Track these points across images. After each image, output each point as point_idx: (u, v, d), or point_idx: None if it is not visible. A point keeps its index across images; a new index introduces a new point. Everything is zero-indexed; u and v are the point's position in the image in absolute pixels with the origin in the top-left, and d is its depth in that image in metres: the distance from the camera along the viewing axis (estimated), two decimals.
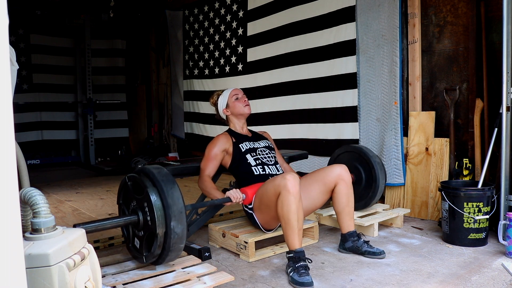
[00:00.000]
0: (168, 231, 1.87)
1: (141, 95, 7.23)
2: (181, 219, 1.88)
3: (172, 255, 1.96)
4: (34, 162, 6.22)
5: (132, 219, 1.96)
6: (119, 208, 2.16)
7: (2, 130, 0.77)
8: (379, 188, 2.89)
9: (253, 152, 2.57)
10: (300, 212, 2.12)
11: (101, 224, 1.90)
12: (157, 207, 1.86)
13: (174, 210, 1.86)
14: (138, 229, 2.00)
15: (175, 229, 1.87)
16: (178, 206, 1.88)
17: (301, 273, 2.02)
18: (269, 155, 2.62)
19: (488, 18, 2.92)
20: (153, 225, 1.87)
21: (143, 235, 1.98)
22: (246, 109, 2.64)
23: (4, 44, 0.79)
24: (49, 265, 1.03)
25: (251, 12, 4.70)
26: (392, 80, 3.33)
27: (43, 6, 6.36)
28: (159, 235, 1.87)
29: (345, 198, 2.42)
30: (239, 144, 2.56)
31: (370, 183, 2.92)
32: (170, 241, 1.88)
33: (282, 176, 2.14)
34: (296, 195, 2.09)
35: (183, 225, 1.89)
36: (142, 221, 1.95)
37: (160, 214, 1.86)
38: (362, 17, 3.50)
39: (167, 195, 1.87)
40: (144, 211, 1.92)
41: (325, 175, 2.44)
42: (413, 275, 2.13)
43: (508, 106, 2.56)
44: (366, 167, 2.94)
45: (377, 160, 2.92)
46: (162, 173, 1.95)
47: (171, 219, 1.85)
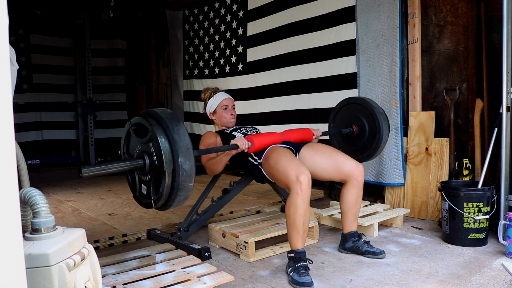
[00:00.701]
0: (176, 168, 1.78)
1: (141, 95, 7.23)
2: (188, 155, 1.80)
3: (182, 195, 1.86)
4: (34, 162, 6.21)
5: (138, 163, 1.89)
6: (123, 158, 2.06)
7: (2, 130, 0.77)
8: (382, 138, 2.79)
9: (238, 130, 2.67)
10: (307, 215, 2.11)
11: (107, 167, 1.82)
12: (163, 144, 1.78)
13: (181, 146, 1.79)
14: (144, 173, 1.93)
15: (183, 165, 1.78)
16: (184, 142, 1.81)
17: (301, 273, 2.02)
18: (255, 130, 2.72)
19: (488, 18, 2.92)
20: (160, 164, 1.80)
21: (150, 179, 1.91)
22: (231, 122, 2.77)
23: (4, 44, 0.79)
24: (49, 265, 1.03)
25: (251, 12, 4.70)
26: (392, 80, 3.33)
27: (43, 6, 6.36)
28: (167, 173, 1.79)
29: (353, 198, 2.40)
30: (223, 131, 2.69)
31: (374, 134, 2.81)
32: (179, 178, 1.79)
33: (296, 176, 2.08)
34: (305, 199, 2.08)
35: (191, 162, 1.81)
36: (148, 164, 1.87)
37: (167, 151, 1.78)
38: (362, 17, 3.50)
39: (173, 131, 1.80)
40: (150, 153, 1.85)
41: (342, 162, 2.38)
42: (413, 275, 2.13)
43: (508, 106, 2.56)
44: (370, 118, 2.83)
45: (380, 111, 2.82)
46: (166, 112, 1.89)
47: (179, 155, 1.78)
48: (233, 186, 2.78)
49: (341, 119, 2.98)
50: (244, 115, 4.68)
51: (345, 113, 2.97)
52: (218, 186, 3.01)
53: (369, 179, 3.48)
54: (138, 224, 3.07)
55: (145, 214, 3.35)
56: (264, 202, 3.64)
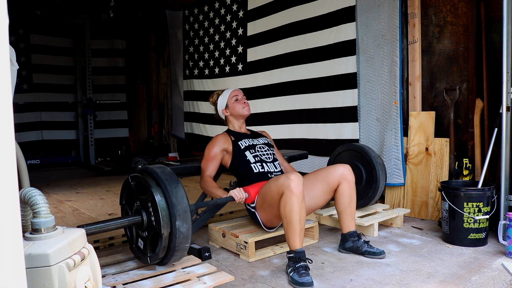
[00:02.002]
0: (173, 231, 1.84)
1: (141, 95, 7.23)
2: (186, 218, 1.85)
3: (178, 255, 1.94)
4: (34, 162, 6.22)
5: (136, 220, 1.94)
6: (122, 208, 2.15)
7: (2, 130, 0.77)
8: (379, 188, 2.89)
9: (252, 149, 2.57)
10: (302, 212, 2.11)
11: (105, 225, 1.88)
12: (161, 207, 1.83)
13: (179, 209, 1.84)
14: (142, 229, 1.98)
15: (180, 228, 1.84)
16: (182, 205, 1.85)
17: (301, 273, 2.02)
18: (268, 152, 2.63)
19: (488, 18, 2.92)
20: (157, 225, 1.85)
21: (147, 236, 1.96)
22: (245, 110, 2.66)
23: (4, 44, 0.79)
24: (49, 265, 1.03)
25: (251, 12, 4.70)
26: (392, 80, 3.33)
27: (43, 6, 6.36)
28: (164, 235, 1.85)
29: (347, 198, 2.41)
30: (238, 142, 2.57)
31: (371, 183, 2.91)
32: (176, 240, 1.85)
33: (286, 176, 2.13)
34: (299, 196, 2.08)
35: (188, 225, 1.87)
36: (146, 222, 1.93)
37: (164, 214, 1.83)
38: (362, 17, 3.50)
39: (171, 194, 1.84)
40: (148, 211, 1.90)
41: (329, 174, 2.43)
42: (413, 275, 2.13)
43: (508, 106, 2.56)
44: (367, 167, 2.93)
45: (379, 161, 2.91)
46: (165, 172, 1.93)
47: (176, 219, 1.83)
48: (233, 186, 2.77)
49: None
50: None
51: (344, 158, 3.03)
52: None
53: None
54: None
55: None
56: None
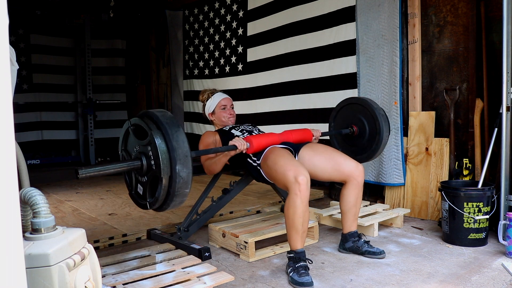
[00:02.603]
0: (173, 175, 1.78)
1: (141, 95, 7.23)
2: (186, 163, 1.80)
3: (177, 200, 1.88)
4: (34, 162, 6.21)
5: (136, 164, 1.88)
6: (120, 156, 2.08)
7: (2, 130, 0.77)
8: (382, 140, 2.77)
9: (237, 127, 2.67)
10: (306, 215, 2.11)
11: (103, 168, 1.82)
12: (161, 150, 1.78)
13: (179, 153, 1.78)
14: (141, 174, 1.92)
15: (180, 173, 1.78)
16: (183, 150, 1.79)
17: (301, 273, 2.02)
18: (253, 127, 2.71)
19: (488, 18, 2.92)
20: (157, 169, 1.80)
21: (146, 181, 1.91)
22: (230, 121, 2.77)
23: (4, 44, 0.79)
24: (49, 265, 1.03)
25: (251, 12, 4.70)
26: (392, 80, 3.33)
27: (43, 6, 6.35)
28: (163, 180, 1.79)
29: (353, 199, 2.40)
30: (222, 129, 2.69)
31: (374, 135, 2.80)
32: (175, 185, 1.80)
33: (295, 177, 2.08)
34: (304, 199, 2.07)
35: (188, 169, 1.81)
36: (145, 166, 1.86)
37: (164, 157, 1.77)
38: (362, 17, 3.50)
39: (172, 138, 1.78)
40: (148, 155, 1.85)
41: (341, 163, 2.38)
42: (413, 275, 2.13)
43: (508, 106, 2.56)
44: (370, 119, 2.82)
45: (381, 112, 2.81)
46: (166, 116, 1.87)
47: (176, 163, 1.77)
48: (233, 186, 2.78)
49: (342, 119, 2.97)
50: (244, 115, 4.68)
51: (346, 113, 2.96)
52: (218, 186, 3.01)
53: (369, 179, 3.48)
54: (138, 224, 3.07)
55: (145, 214, 3.35)
56: (264, 202, 3.64)
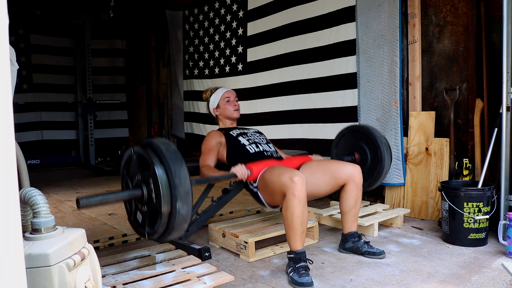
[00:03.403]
0: (173, 212, 1.80)
1: (141, 95, 7.23)
2: (187, 200, 1.81)
3: (175, 234, 1.91)
4: (34, 162, 6.21)
5: (136, 194, 1.89)
6: (122, 179, 2.09)
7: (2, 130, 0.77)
8: (384, 168, 2.79)
9: (244, 135, 2.63)
10: (304, 216, 2.10)
11: (105, 198, 1.84)
12: (163, 187, 1.78)
13: (181, 191, 1.79)
14: (141, 203, 1.93)
15: (180, 210, 1.80)
16: (185, 187, 1.80)
17: (301, 273, 2.02)
18: (260, 137, 2.67)
19: (488, 18, 2.92)
20: (158, 204, 1.82)
21: (146, 211, 1.92)
22: (235, 114, 2.72)
23: (4, 44, 0.79)
24: (49, 265, 1.03)
25: (251, 12, 4.70)
26: (392, 80, 3.33)
27: (43, 6, 6.35)
28: (163, 215, 1.80)
29: (353, 200, 2.40)
30: (229, 132, 2.63)
31: (376, 164, 2.81)
32: (175, 221, 1.82)
33: (290, 177, 2.09)
34: (301, 199, 2.07)
35: (188, 206, 1.83)
36: (146, 196, 1.88)
37: (166, 194, 1.78)
38: (362, 17, 3.50)
39: (175, 175, 1.78)
40: (149, 187, 1.86)
41: (338, 170, 2.40)
42: (413, 275, 2.13)
43: (508, 106, 2.56)
44: (372, 147, 2.83)
45: (384, 141, 2.82)
46: (170, 150, 1.86)
47: (177, 200, 1.78)
48: (233, 186, 2.78)
49: (343, 146, 2.97)
50: (244, 115, 4.68)
51: (348, 140, 2.97)
52: (218, 186, 3.01)
53: None
54: None
55: None
56: None
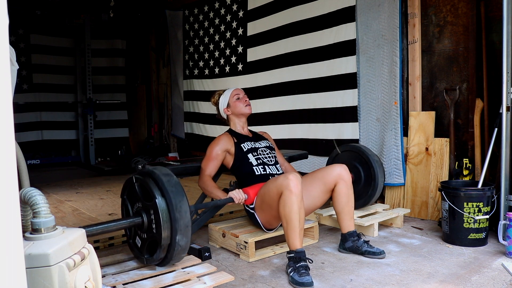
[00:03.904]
0: (172, 243, 1.88)
1: (141, 95, 7.23)
2: (186, 233, 1.90)
3: (174, 261, 2.01)
4: (34, 162, 6.21)
5: (137, 221, 1.97)
6: (122, 202, 2.14)
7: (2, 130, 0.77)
8: (378, 186, 2.90)
9: (255, 151, 2.58)
10: (302, 212, 2.12)
11: (105, 227, 1.90)
12: (164, 220, 1.86)
13: (181, 224, 1.87)
14: (141, 230, 2.01)
15: (179, 242, 1.88)
16: (185, 220, 1.88)
17: (301, 273, 2.02)
18: (270, 155, 2.63)
19: (488, 18, 2.92)
20: (158, 235, 1.89)
21: (145, 238, 1.99)
22: (247, 109, 2.66)
23: (4, 44, 0.79)
24: (49, 265, 1.03)
25: (251, 12, 4.70)
26: (392, 80, 3.33)
27: (43, 6, 6.35)
28: (163, 246, 1.88)
29: (345, 198, 2.42)
30: (240, 144, 2.57)
31: (369, 182, 2.93)
32: (174, 252, 1.91)
33: (284, 176, 2.14)
34: (298, 195, 2.09)
35: (187, 238, 1.91)
36: (146, 225, 1.96)
37: (166, 227, 1.86)
38: (362, 17, 3.50)
39: (175, 208, 1.85)
40: (150, 217, 1.93)
41: (326, 175, 2.45)
42: (413, 275, 2.13)
43: (508, 106, 2.56)
44: (365, 166, 2.95)
45: (376, 159, 2.94)
46: (171, 183, 1.92)
47: (177, 233, 1.86)
48: (233, 186, 2.77)
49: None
50: None
51: (341, 160, 3.03)
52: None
53: None
54: None
55: None
56: None
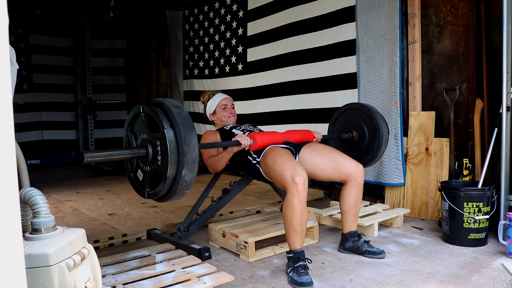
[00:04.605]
0: (177, 177, 1.78)
1: (141, 95, 7.23)
2: (193, 168, 1.79)
3: (175, 198, 1.90)
4: (34, 162, 6.20)
5: (141, 152, 1.86)
6: (125, 135, 2.06)
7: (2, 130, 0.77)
8: (383, 136, 2.78)
9: (238, 127, 2.67)
10: (304, 215, 2.11)
11: (109, 154, 1.81)
12: (171, 152, 1.76)
13: (188, 158, 1.77)
14: (144, 163, 1.91)
15: (185, 176, 1.78)
16: (193, 155, 1.77)
17: (300, 273, 2.02)
18: (254, 129, 2.71)
19: (488, 18, 2.92)
20: (163, 168, 1.79)
21: (148, 171, 1.89)
22: (230, 120, 2.78)
23: (4, 44, 0.79)
24: (49, 265, 1.03)
25: (251, 12, 4.70)
26: (392, 80, 3.33)
27: (43, 6, 6.36)
28: (168, 179, 1.79)
29: (354, 199, 2.40)
30: (223, 128, 2.69)
31: (374, 134, 2.81)
32: (178, 187, 1.81)
33: (292, 177, 2.08)
34: (302, 200, 2.08)
35: (193, 174, 1.81)
36: (151, 156, 1.85)
37: (173, 160, 1.76)
38: (362, 17, 3.50)
39: (184, 141, 1.75)
40: (156, 149, 1.83)
41: (342, 163, 2.38)
42: (413, 275, 2.13)
43: (508, 106, 2.56)
44: (367, 120, 2.85)
45: (376, 111, 2.85)
46: (182, 115, 1.81)
47: (184, 167, 1.76)
48: (233, 186, 2.78)
49: (340, 127, 2.98)
50: (244, 115, 4.68)
51: (343, 121, 2.98)
52: (218, 186, 3.01)
53: (369, 179, 3.48)
54: (138, 224, 3.07)
55: (145, 214, 3.35)
56: (264, 202, 3.64)
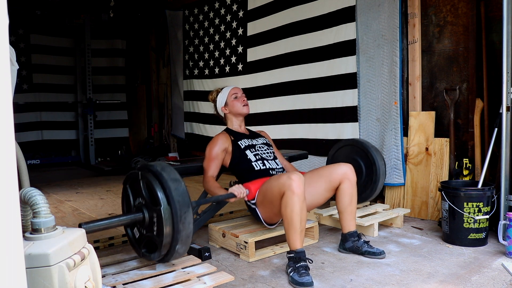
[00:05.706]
0: (171, 250, 1.89)
1: (141, 95, 7.23)
2: (186, 242, 1.90)
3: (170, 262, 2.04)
4: (34, 162, 6.21)
5: (138, 218, 1.94)
6: (124, 189, 2.10)
7: (2, 130, 0.77)
8: (380, 168, 2.85)
9: (252, 148, 2.57)
10: (303, 213, 2.12)
11: (107, 223, 1.87)
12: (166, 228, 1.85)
13: (183, 235, 1.86)
14: (141, 225, 1.98)
15: (179, 250, 1.90)
16: (187, 231, 1.87)
17: (301, 273, 2.02)
18: (268, 151, 2.63)
19: (488, 18, 2.92)
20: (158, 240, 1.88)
21: (145, 234, 1.97)
22: (245, 109, 2.65)
23: (4, 44, 0.79)
24: (49, 265, 1.03)
25: (251, 12, 4.70)
26: (392, 80, 3.33)
27: (43, 6, 6.35)
28: (162, 251, 1.89)
29: (348, 197, 2.42)
30: (237, 141, 2.57)
31: (370, 168, 2.89)
32: (171, 257, 1.94)
33: (287, 176, 2.12)
34: (300, 196, 2.09)
35: (186, 246, 1.92)
36: (147, 221, 1.93)
37: (168, 234, 1.85)
38: (362, 17, 3.50)
39: (180, 219, 1.84)
40: (152, 220, 1.91)
41: (331, 173, 2.43)
42: (413, 275, 2.13)
43: (508, 106, 2.56)
44: (363, 155, 2.94)
45: (370, 145, 2.95)
46: (179, 191, 1.86)
47: (178, 242, 1.86)
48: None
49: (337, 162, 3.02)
50: None
51: (339, 157, 3.06)
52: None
53: None
54: None
55: None
56: None
